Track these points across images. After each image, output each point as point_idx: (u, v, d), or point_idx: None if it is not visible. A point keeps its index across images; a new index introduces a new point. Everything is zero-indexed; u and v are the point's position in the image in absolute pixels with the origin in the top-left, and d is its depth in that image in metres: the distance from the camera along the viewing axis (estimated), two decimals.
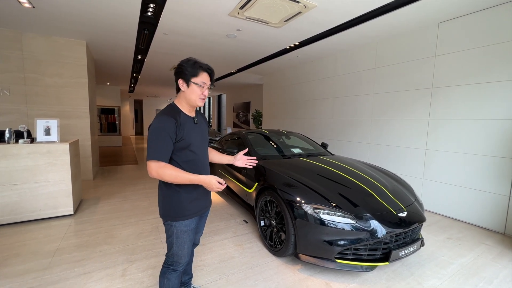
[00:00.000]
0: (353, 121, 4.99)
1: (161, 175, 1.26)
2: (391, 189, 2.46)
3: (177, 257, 1.44)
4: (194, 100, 1.38)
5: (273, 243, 2.45)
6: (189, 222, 1.41)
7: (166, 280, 1.45)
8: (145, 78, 9.20)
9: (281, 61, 6.09)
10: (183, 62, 1.36)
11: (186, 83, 1.35)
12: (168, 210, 1.39)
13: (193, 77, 1.34)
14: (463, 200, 3.38)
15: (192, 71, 1.34)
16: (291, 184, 2.38)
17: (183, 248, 1.43)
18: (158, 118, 1.31)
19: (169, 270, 1.46)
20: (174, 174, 1.27)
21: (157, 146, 1.26)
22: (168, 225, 1.41)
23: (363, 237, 1.96)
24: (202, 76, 1.36)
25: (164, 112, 1.35)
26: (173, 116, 1.32)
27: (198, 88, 1.36)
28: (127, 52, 5.59)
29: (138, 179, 5.30)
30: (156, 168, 1.26)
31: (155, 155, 1.26)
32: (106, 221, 3.14)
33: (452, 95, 3.45)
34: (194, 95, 1.36)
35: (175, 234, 1.40)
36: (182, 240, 1.41)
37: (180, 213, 1.38)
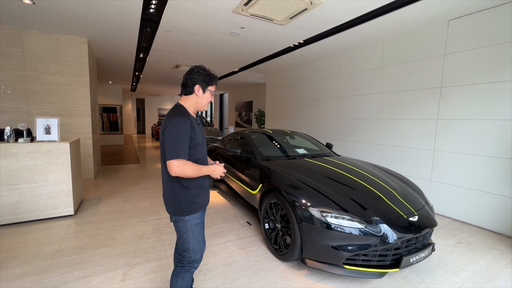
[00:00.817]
0: (358, 121, 4.90)
1: (184, 172, 1.33)
2: (401, 192, 2.38)
3: (194, 253, 1.48)
4: (204, 105, 1.51)
5: (278, 247, 2.38)
6: (200, 214, 1.49)
7: (181, 280, 1.48)
8: (147, 77, 9.15)
9: (285, 60, 6.00)
10: (200, 70, 1.46)
11: (203, 90, 1.47)
12: (180, 206, 1.43)
13: (210, 85, 1.49)
14: (472, 203, 3.29)
15: (209, 80, 1.47)
16: (297, 186, 2.30)
17: (199, 242, 1.49)
18: (176, 119, 1.37)
19: (184, 270, 1.49)
20: (196, 168, 1.37)
21: (178, 145, 1.33)
22: (181, 221, 1.44)
23: (373, 243, 1.88)
24: (215, 85, 1.53)
25: (179, 113, 1.42)
26: (187, 117, 1.41)
27: (210, 95, 1.51)
28: (129, 50, 5.52)
29: (139, 179, 5.25)
30: (180, 166, 1.32)
31: (177, 154, 1.32)
32: (107, 222, 3.09)
33: (462, 95, 3.35)
34: (206, 101, 1.50)
35: (189, 228, 1.45)
36: (197, 233, 1.47)
37: (192, 208, 1.44)
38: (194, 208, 1.45)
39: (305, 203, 2.11)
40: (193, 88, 1.45)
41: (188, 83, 1.45)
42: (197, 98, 1.47)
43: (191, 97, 1.47)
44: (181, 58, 6.17)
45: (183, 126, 1.36)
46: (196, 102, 1.48)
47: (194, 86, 1.44)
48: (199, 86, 1.45)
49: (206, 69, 1.47)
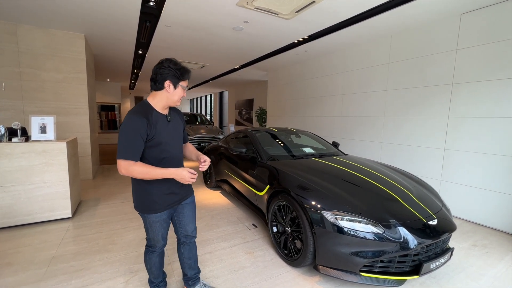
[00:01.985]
0: (364, 119, 4.78)
1: (131, 173, 1.29)
2: (416, 193, 2.26)
3: (153, 241, 1.57)
4: (175, 101, 1.44)
5: (288, 251, 2.26)
6: (160, 214, 1.48)
7: (148, 259, 1.63)
8: (146, 74, 8.97)
9: (288, 56, 5.85)
10: (172, 65, 1.37)
11: (174, 86, 1.39)
12: (140, 204, 1.47)
13: (182, 81, 1.41)
14: (485, 204, 3.18)
15: (181, 75, 1.39)
16: (308, 187, 2.18)
17: (157, 235, 1.54)
18: (129, 117, 1.31)
19: (149, 251, 1.62)
20: (144, 171, 1.30)
21: (127, 145, 1.29)
22: (141, 215, 1.51)
23: (393, 249, 1.76)
24: (187, 80, 1.45)
25: (135, 111, 1.34)
26: (144, 116, 1.33)
27: (182, 90, 1.43)
28: (128, 47, 5.36)
29: None
30: (126, 167, 1.28)
31: (124, 154, 1.28)
32: (107, 224, 2.95)
33: (475, 92, 3.23)
34: (177, 96, 1.42)
35: (148, 223, 1.51)
36: (155, 228, 1.51)
37: (151, 207, 1.45)
38: (154, 208, 1.46)
39: (318, 206, 1.98)
40: (163, 83, 1.37)
41: (157, 78, 1.37)
42: (168, 94, 1.40)
43: (160, 93, 1.40)
44: (181, 55, 6.01)
45: (135, 125, 1.29)
46: (166, 98, 1.41)
47: (164, 81, 1.37)
48: (169, 81, 1.37)
49: (177, 63, 1.39)
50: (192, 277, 1.76)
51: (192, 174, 1.38)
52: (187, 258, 1.72)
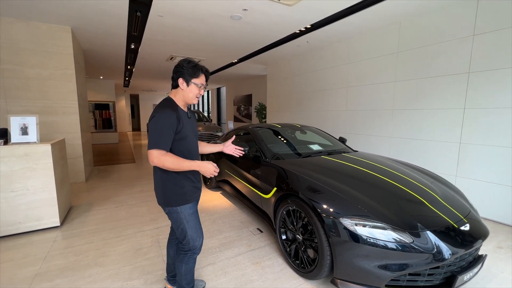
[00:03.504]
0: (370, 113, 4.53)
1: (162, 162, 1.33)
2: (441, 194, 2.03)
3: (193, 241, 1.52)
4: (191, 98, 1.49)
5: (300, 262, 2.03)
6: (192, 205, 1.53)
7: (185, 265, 1.56)
8: (140, 71, 8.64)
9: (288, 48, 5.57)
10: (184, 63, 1.44)
11: (187, 83, 1.45)
12: (170, 196, 1.47)
13: (193, 78, 1.45)
14: (505, 200, 2.97)
15: (193, 72, 1.44)
16: (322, 190, 1.94)
17: (196, 230, 1.53)
18: (162, 111, 1.38)
19: (187, 256, 1.55)
20: (175, 161, 1.35)
21: (160, 136, 1.34)
22: (174, 212, 1.48)
23: (424, 261, 1.53)
24: (201, 77, 1.48)
25: (166, 105, 1.43)
26: (174, 110, 1.41)
27: (196, 88, 1.47)
28: (119, 41, 5.04)
29: (135, 180, 4.85)
30: (158, 156, 1.32)
31: (158, 144, 1.33)
32: (99, 233, 2.70)
33: (493, 81, 2.99)
34: (192, 94, 1.47)
35: (184, 219, 1.49)
36: (192, 222, 1.51)
37: (183, 198, 1.48)
38: (185, 199, 1.49)
39: (335, 212, 1.75)
40: (177, 81, 1.45)
41: (174, 76, 1.46)
42: (182, 92, 1.47)
43: (177, 90, 1.49)
44: (176, 49, 5.70)
45: (168, 119, 1.36)
46: (182, 95, 1.48)
47: (178, 79, 1.45)
48: (182, 79, 1.44)
49: (190, 61, 1.45)
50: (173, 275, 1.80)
51: (216, 167, 1.44)
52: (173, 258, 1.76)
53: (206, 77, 1.50)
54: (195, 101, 1.51)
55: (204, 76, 1.48)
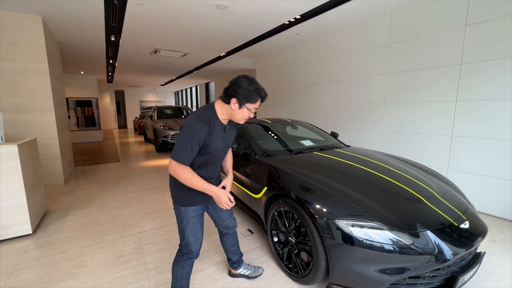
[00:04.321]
0: (362, 106, 4.45)
1: (178, 175, 1.33)
2: (439, 190, 1.95)
3: (190, 245, 1.50)
4: (238, 119, 1.43)
5: (293, 266, 1.91)
6: (197, 208, 1.50)
7: (181, 268, 1.52)
8: (124, 65, 8.25)
9: (278, 41, 5.39)
10: (244, 84, 1.33)
11: (239, 105, 1.36)
12: (178, 197, 1.48)
13: (249, 102, 1.36)
14: (497, 193, 2.96)
15: (250, 97, 1.34)
16: (316, 190, 1.81)
17: (194, 234, 1.50)
18: (195, 123, 1.33)
19: (184, 258, 1.52)
20: (190, 179, 1.33)
21: (184, 149, 1.30)
22: (177, 210, 1.49)
23: (425, 263, 1.43)
24: (257, 103, 1.39)
25: (201, 117, 1.36)
26: (207, 123, 1.35)
27: (247, 112, 1.39)
28: (97, 32, 4.71)
29: (119, 181, 4.60)
30: (175, 168, 1.32)
31: (179, 157, 1.31)
32: (76, 240, 2.49)
33: (486, 72, 2.94)
34: (241, 116, 1.40)
35: (185, 220, 1.48)
36: (192, 226, 1.49)
37: (189, 200, 1.46)
38: (190, 201, 1.47)
39: (330, 213, 1.62)
40: (230, 99, 1.36)
41: (228, 92, 1.36)
42: (231, 111, 1.39)
43: (226, 106, 1.39)
44: (160, 41, 5.41)
45: (197, 133, 1.31)
46: (230, 113, 1.41)
47: (231, 98, 1.35)
48: (236, 100, 1.34)
49: (251, 83, 1.34)
50: (236, 261, 1.89)
51: (230, 202, 1.41)
52: (230, 246, 1.84)
53: (263, 101, 1.41)
54: (242, 122, 1.45)
55: (260, 100, 1.39)
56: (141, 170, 5.40)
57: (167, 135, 7.05)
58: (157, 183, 4.43)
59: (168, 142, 7.06)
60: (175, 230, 2.68)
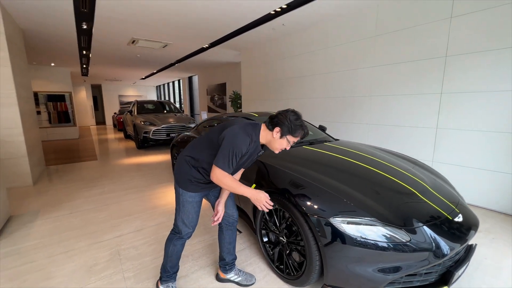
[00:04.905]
0: (348, 99, 4.42)
1: (221, 182, 1.36)
2: (431, 184, 1.91)
3: (182, 225, 1.56)
4: (275, 148, 1.47)
5: (285, 266, 1.80)
6: (195, 195, 1.53)
7: (172, 246, 1.60)
8: (99, 57, 7.71)
9: (263, 32, 5.21)
10: (292, 117, 1.40)
11: (281, 135, 1.41)
12: (180, 176, 1.52)
13: (291, 135, 1.41)
14: (480, 184, 3.02)
15: (293, 131, 1.40)
16: (307, 186, 1.70)
17: (187, 217, 1.55)
18: (239, 132, 1.37)
19: (176, 237, 1.59)
20: (233, 185, 1.39)
21: (230, 158, 1.33)
22: (176, 190, 1.55)
23: (422, 261, 1.37)
24: (297, 137, 1.44)
25: (250, 132, 1.41)
26: (252, 141, 1.41)
27: (286, 143, 1.44)
28: (66, 19, 4.30)
29: (95, 180, 4.28)
30: (220, 176, 1.35)
31: (224, 165, 1.33)
32: (44, 249, 2.24)
33: (471, 64, 2.96)
34: (279, 146, 1.45)
35: (181, 202, 1.54)
36: (186, 209, 1.54)
37: (187, 185, 1.50)
38: (192, 188, 1.51)
39: (323, 211, 1.52)
40: (274, 128, 1.42)
41: (274, 120, 1.42)
42: (271, 139, 1.45)
43: (269, 132, 1.45)
44: (137, 30, 5.05)
45: (244, 145, 1.36)
46: (269, 140, 1.46)
47: (275, 126, 1.41)
48: (279, 129, 1.40)
49: (298, 119, 1.41)
50: (229, 262, 1.78)
51: (268, 204, 1.44)
52: (228, 243, 1.75)
53: (303, 138, 1.46)
54: (276, 152, 1.49)
55: (300, 137, 1.44)
56: (120, 168, 5.08)
57: (148, 131, 6.71)
58: (138, 181, 4.17)
59: (150, 138, 6.73)
60: (157, 233, 2.50)
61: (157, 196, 3.51)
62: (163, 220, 2.76)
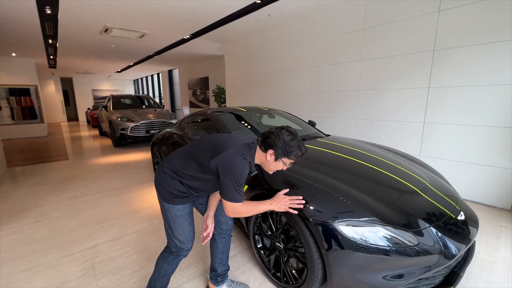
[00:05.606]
0: (336, 94, 4.35)
1: (238, 214, 1.30)
2: (430, 181, 1.85)
3: (179, 242, 1.40)
4: (269, 170, 1.38)
5: (282, 274, 1.66)
6: (183, 207, 1.38)
7: (167, 265, 1.43)
8: (67, 47, 7.05)
9: (248, 23, 4.99)
10: (286, 138, 1.27)
11: (275, 158, 1.30)
12: (163, 190, 1.35)
13: (286, 157, 1.29)
14: (467, 177, 3.08)
15: (290, 152, 1.28)
16: (306, 186, 1.56)
17: (183, 232, 1.39)
18: (242, 160, 1.26)
19: (172, 256, 1.42)
20: (252, 209, 1.33)
21: (236, 189, 1.23)
22: (162, 205, 1.39)
23: (432, 264, 1.29)
24: (294, 159, 1.32)
25: (246, 155, 1.28)
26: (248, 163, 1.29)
27: (282, 165, 1.33)
28: (25, 2, 3.79)
29: (66, 183, 3.88)
30: (234, 210, 1.28)
31: (234, 198, 1.24)
32: (3, 266, 1.93)
33: (458, 58, 2.97)
34: (274, 167, 1.35)
35: (170, 218, 1.38)
36: (179, 224, 1.38)
37: (171, 198, 1.34)
38: (179, 201, 1.36)
39: (325, 214, 1.39)
40: (267, 149, 1.29)
41: (267, 141, 1.28)
42: (265, 160, 1.33)
43: (262, 153, 1.33)
44: (110, 17, 4.62)
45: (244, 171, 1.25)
46: (263, 162, 1.35)
47: (269, 148, 1.28)
48: (273, 152, 1.28)
49: (294, 139, 1.28)
50: (221, 274, 1.63)
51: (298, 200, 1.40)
52: (220, 253, 1.60)
53: (300, 157, 1.32)
54: (271, 173, 1.40)
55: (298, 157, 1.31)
56: (95, 169, 4.68)
57: (125, 128, 6.27)
58: (115, 183, 3.84)
59: (128, 135, 6.30)
60: (138, 240, 2.26)
61: (137, 198, 3.23)
62: (145, 226, 2.52)
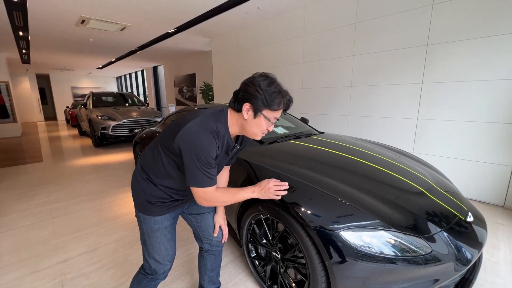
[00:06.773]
0: (328, 90, 4.24)
1: (213, 202, 1.06)
2: (433, 179, 1.74)
3: (154, 263, 1.15)
4: (253, 134, 1.07)
5: (279, 286, 1.50)
6: (161, 219, 1.13)
7: None
8: (41, 40, 6.55)
9: (236, 16, 4.78)
10: (262, 83, 0.98)
11: (254, 113, 1.01)
12: (139, 198, 1.12)
13: (267, 109, 1.00)
14: (461, 174, 3.04)
15: (270, 101, 0.99)
16: (305, 189, 1.40)
17: (159, 251, 1.14)
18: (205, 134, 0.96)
19: (147, 280, 1.18)
20: (227, 199, 1.09)
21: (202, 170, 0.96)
22: (137, 216, 1.15)
23: (447, 273, 1.17)
24: (278, 111, 1.04)
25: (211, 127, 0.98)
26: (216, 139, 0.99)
27: (266, 122, 1.03)
28: None
29: (38, 187, 3.54)
30: (204, 196, 1.02)
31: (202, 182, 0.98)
32: None
33: (452, 53, 2.92)
34: (257, 128, 1.04)
35: (146, 232, 1.14)
36: (155, 240, 1.13)
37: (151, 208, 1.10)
38: (156, 211, 1.11)
39: (328, 221, 1.24)
40: (241, 104, 1.00)
41: (239, 95, 1.01)
42: (244, 122, 1.03)
43: (237, 115, 1.04)
44: (86, 7, 4.27)
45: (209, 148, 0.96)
46: (241, 125, 1.05)
47: (243, 103, 0.99)
48: (249, 105, 0.99)
49: (272, 84, 0.99)
50: None
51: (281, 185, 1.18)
52: (210, 271, 1.40)
53: (286, 109, 1.07)
54: (258, 138, 1.08)
55: (283, 108, 1.05)
56: (72, 171, 4.33)
57: (106, 127, 5.90)
58: (94, 186, 3.54)
59: (109, 134, 5.93)
60: (117, 252, 2.02)
61: (118, 203, 2.97)
62: (125, 234, 2.28)
